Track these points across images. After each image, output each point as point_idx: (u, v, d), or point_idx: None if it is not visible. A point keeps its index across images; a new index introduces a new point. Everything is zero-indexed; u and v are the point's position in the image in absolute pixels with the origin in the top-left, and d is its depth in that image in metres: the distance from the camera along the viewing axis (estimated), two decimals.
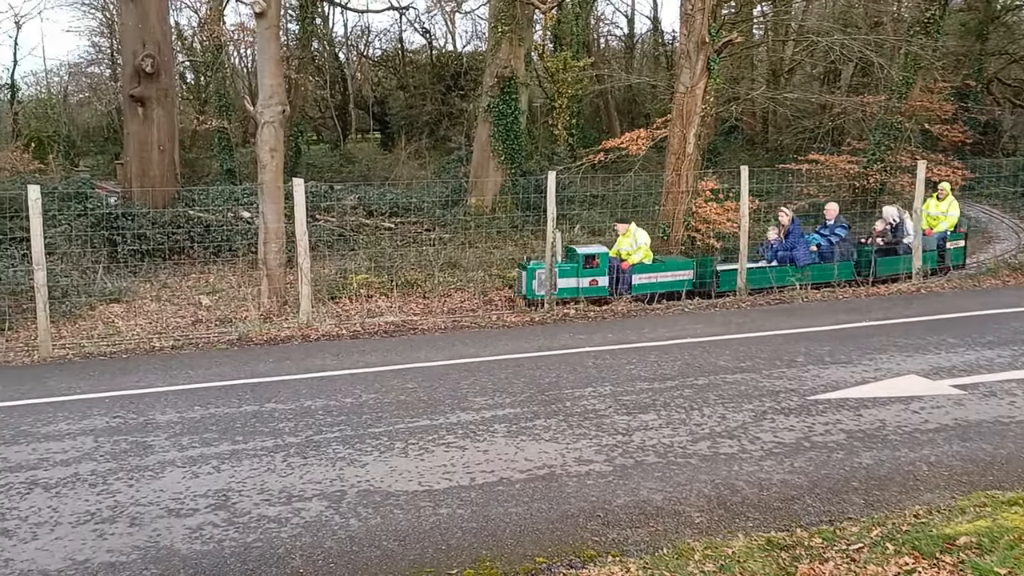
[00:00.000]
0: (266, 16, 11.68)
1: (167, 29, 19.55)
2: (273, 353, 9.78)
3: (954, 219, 14.70)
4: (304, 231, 11.00)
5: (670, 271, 13.13)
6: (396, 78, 33.00)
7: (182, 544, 4.89)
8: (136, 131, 18.42)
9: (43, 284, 10.02)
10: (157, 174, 18.31)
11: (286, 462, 6.13)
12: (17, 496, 5.56)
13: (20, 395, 8.07)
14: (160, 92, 18.15)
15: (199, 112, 27.63)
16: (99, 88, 34.82)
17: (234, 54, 30.17)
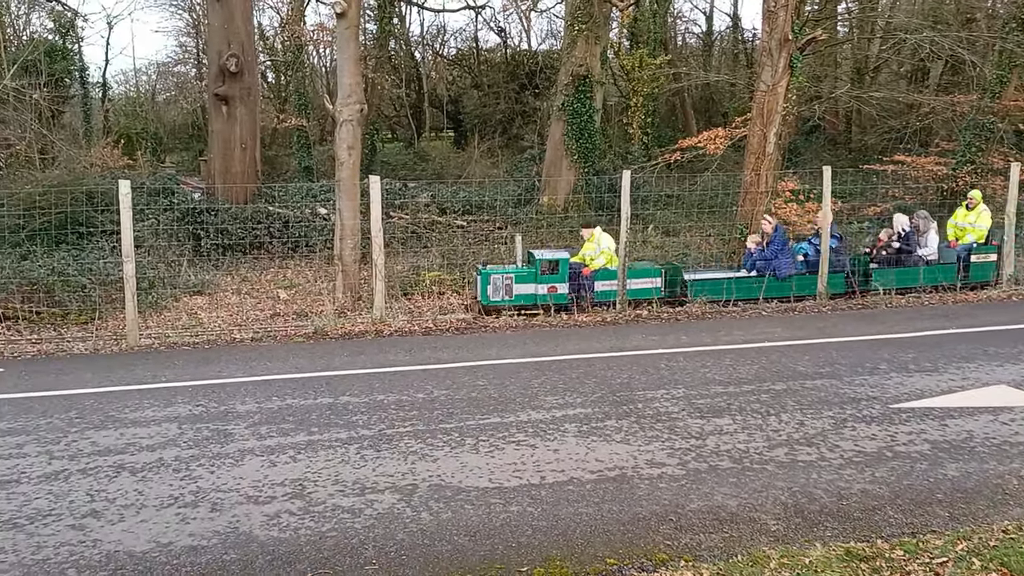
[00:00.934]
0: (346, 16, 11.88)
1: (251, 29, 20.06)
2: (347, 347, 9.95)
3: (982, 231, 13.57)
4: (379, 228, 11.16)
5: (636, 278, 12.45)
6: (470, 77, 33.20)
7: (260, 531, 5.00)
8: (220, 129, 18.96)
9: (132, 276, 10.39)
10: (239, 171, 18.82)
11: (360, 454, 6.22)
12: (105, 479, 5.78)
13: (109, 382, 8.40)
14: (243, 91, 18.64)
15: (279, 111, 28.26)
16: (185, 87, 36.02)
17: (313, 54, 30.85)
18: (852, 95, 24.12)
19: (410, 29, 32.51)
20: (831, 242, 12.92)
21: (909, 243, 13.35)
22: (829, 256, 12.69)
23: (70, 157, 21.09)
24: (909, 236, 13.36)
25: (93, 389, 8.09)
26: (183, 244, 16.60)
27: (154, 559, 4.66)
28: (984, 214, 13.63)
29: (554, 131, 20.10)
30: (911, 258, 13.26)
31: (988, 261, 13.45)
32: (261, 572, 4.53)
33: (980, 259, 13.39)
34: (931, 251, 13.55)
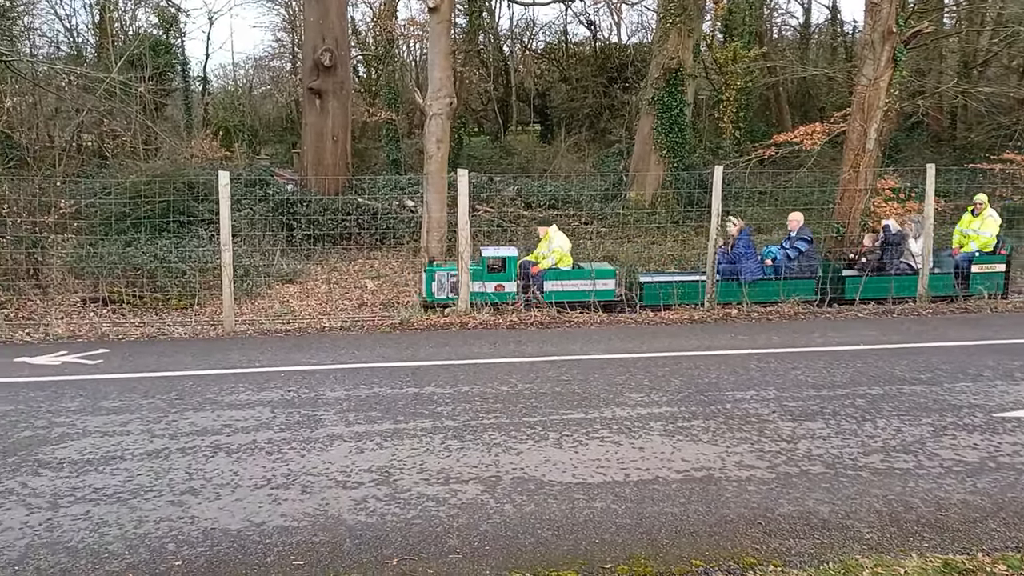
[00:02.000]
0: (439, 11, 11.99)
1: (345, 25, 20.47)
2: (433, 338, 10.07)
3: (987, 239, 12.63)
4: (466, 221, 11.24)
5: (588, 279, 12.13)
6: (559, 70, 33.09)
7: (348, 514, 5.10)
8: (313, 122, 19.42)
9: (229, 264, 10.75)
10: (330, 163, 19.24)
11: (444, 444, 6.28)
12: (203, 458, 5.99)
13: (207, 365, 8.71)
14: (336, 85, 19.04)
15: (369, 104, 28.75)
16: (280, 81, 37.00)
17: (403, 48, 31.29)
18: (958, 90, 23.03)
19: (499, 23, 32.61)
20: (801, 245, 12.34)
21: (886, 249, 12.52)
22: (798, 260, 12.19)
23: (172, 148, 21.95)
24: (889, 242, 12.53)
25: (192, 372, 8.41)
26: (276, 234, 17.08)
27: (248, 537, 4.80)
28: (989, 220, 12.70)
29: (643, 125, 19.86)
30: (892, 265, 12.45)
31: (994, 271, 12.44)
32: (349, 555, 4.61)
33: (982, 269, 12.40)
34: (919, 258, 12.62)
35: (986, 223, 12.64)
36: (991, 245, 12.59)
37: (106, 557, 4.57)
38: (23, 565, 4.47)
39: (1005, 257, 12.53)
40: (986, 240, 12.59)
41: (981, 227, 12.65)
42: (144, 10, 32.41)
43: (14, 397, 7.49)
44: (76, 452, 6.09)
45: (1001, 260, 12.51)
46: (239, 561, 4.54)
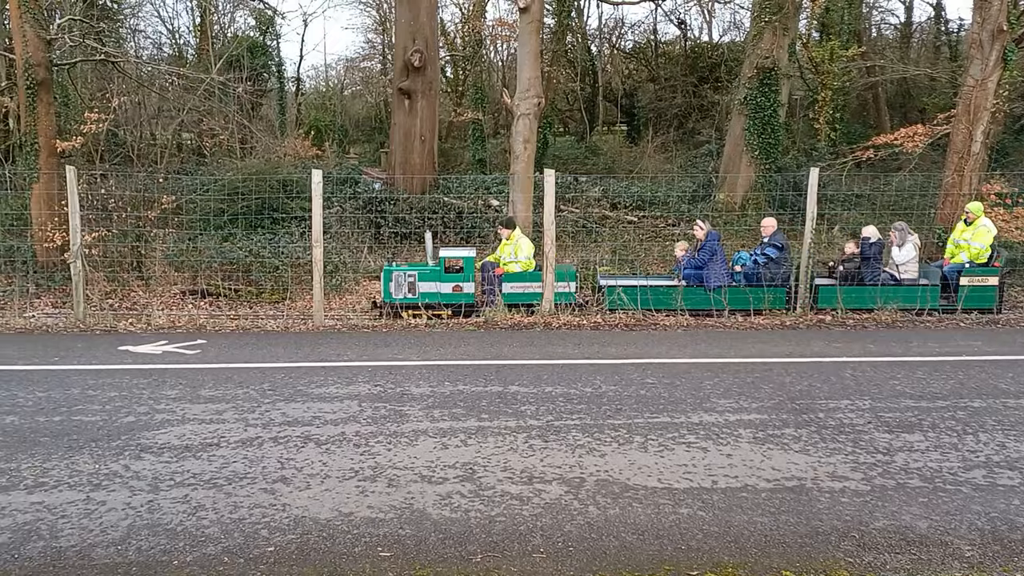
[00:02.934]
0: (529, 11, 12.01)
1: (435, 26, 20.72)
2: (516, 337, 10.09)
3: (978, 249, 11.91)
4: (551, 221, 11.23)
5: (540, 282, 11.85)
6: (647, 70, 32.76)
7: (433, 509, 5.15)
8: (401, 122, 19.73)
9: (319, 259, 11.02)
10: (417, 162, 19.51)
11: (528, 443, 6.28)
12: (294, 448, 6.15)
13: (298, 358, 8.95)
14: (425, 85, 19.30)
15: (456, 104, 29.06)
16: (370, 81, 37.80)
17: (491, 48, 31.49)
18: None
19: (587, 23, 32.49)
20: (770, 251, 11.86)
21: (866, 257, 11.86)
22: (768, 267, 11.72)
23: (267, 147, 22.65)
24: (869, 249, 11.89)
25: (284, 364, 8.65)
26: (364, 231, 17.42)
27: (336, 527, 4.90)
28: (982, 230, 11.96)
29: (734, 126, 19.47)
30: (872, 274, 11.79)
31: (986, 285, 11.66)
32: (434, 549, 4.66)
33: (972, 282, 11.65)
34: (903, 268, 12.06)
35: (978, 233, 11.95)
36: (983, 256, 11.89)
37: (203, 540, 4.73)
38: (125, 545, 4.67)
39: (998, 270, 11.80)
40: (977, 251, 11.91)
41: (973, 237, 11.98)
42: (242, 12, 33.57)
43: (118, 384, 7.84)
44: (175, 438, 6.33)
45: (994, 273, 11.77)
46: (328, 550, 4.64)
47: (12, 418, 6.76)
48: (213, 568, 4.45)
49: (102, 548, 4.63)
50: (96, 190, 16.26)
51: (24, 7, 14.42)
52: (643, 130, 28.87)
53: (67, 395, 7.43)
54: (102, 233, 14.33)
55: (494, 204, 18.70)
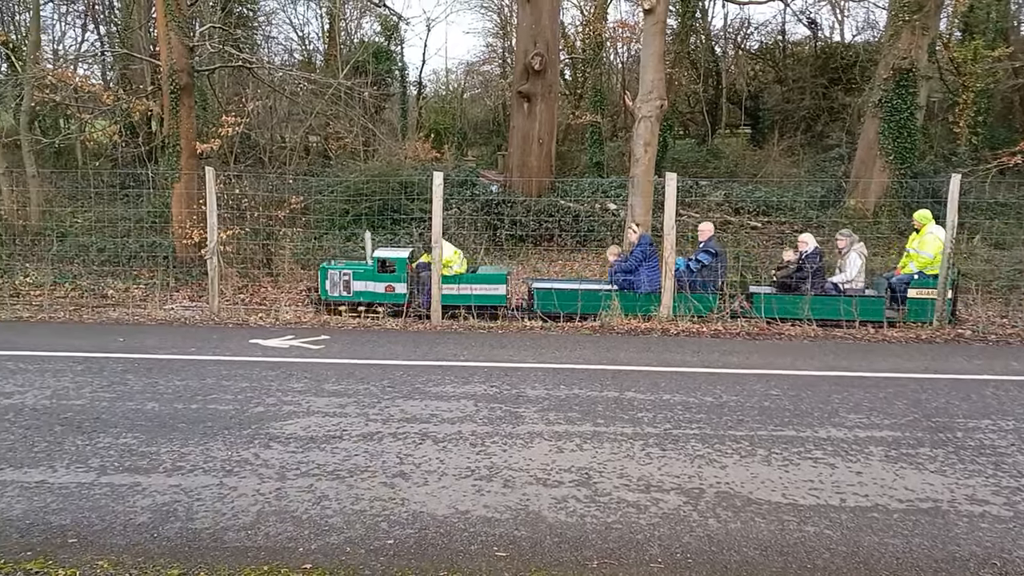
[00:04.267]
0: (654, 12, 11.85)
1: (556, 29, 20.76)
2: (633, 343, 9.96)
3: (926, 259, 11.25)
4: (672, 225, 11.04)
5: (479, 284, 11.78)
6: (774, 71, 31.77)
7: (548, 512, 5.13)
8: (520, 124, 19.85)
9: (439, 260, 11.19)
10: (535, 165, 19.59)
11: (645, 451, 6.17)
12: (412, 444, 6.25)
13: (416, 357, 9.11)
14: (545, 88, 19.36)
15: (574, 107, 29.01)
16: (489, 84, 38.27)
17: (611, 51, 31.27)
18: None
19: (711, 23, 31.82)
20: (703, 257, 11.56)
21: (803, 267, 11.36)
22: (700, 273, 11.46)
23: (388, 149, 23.27)
24: (808, 259, 11.40)
25: (402, 362, 8.83)
26: (481, 233, 17.63)
27: (453, 524, 4.94)
28: (929, 238, 11.34)
29: (867, 129, 18.60)
30: (810, 284, 11.26)
31: (932, 299, 11.01)
32: (549, 552, 4.63)
33: (919, 294, 11.05)
34: (848, 278, 11.47)
35: (925, 242, 11.37)
36: (934, 266, 11.18)
37: (326, 530, 4.87)
38: (255, 530, 4.85)
39: (951, 282, 11.12)
40: (925, 260, 11.31)
41: (920, 246, 11.40)
42: (369, 19, 34.61)
43: (249, 375, 8.19)
44: (301, 429, 6.55)
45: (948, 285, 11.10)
46: (445, 546, 4.68)
47: (153, 404, 7.17)
48: (336, 557, 4.56)
49: (233, 532, 4.82)
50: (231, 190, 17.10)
51: (170, 16, 15.32)
52: (768, 133, 28.01)
53: (202, 384, 7.81)
54: (235, 231, 15.05)
55: (611, 208, 18.56)
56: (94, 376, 8.04)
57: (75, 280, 14.35)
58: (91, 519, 4.95)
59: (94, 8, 28.26)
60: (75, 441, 6.22)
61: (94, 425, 6.58)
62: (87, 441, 6.22)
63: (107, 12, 28.86)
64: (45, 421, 6.67)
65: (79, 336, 9.94)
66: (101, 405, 7.10)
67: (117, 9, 27.94)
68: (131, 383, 7.82)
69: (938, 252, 11.10)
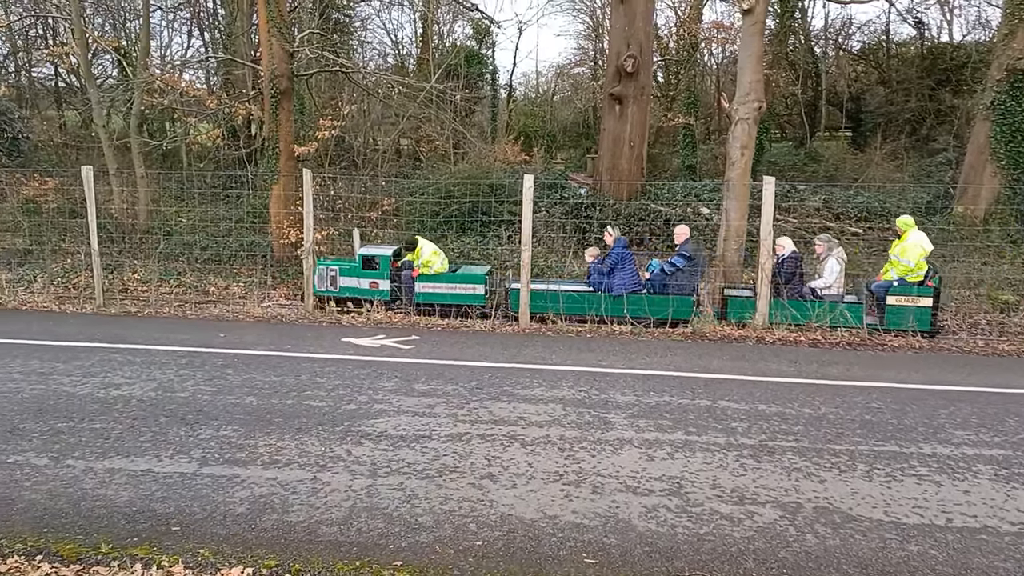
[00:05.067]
0: (753, 13, 11.56)
1: (650, 30, 20.49)
2: (726, 351, 9.73)
3: (906, 266, 10.85)
4: (769, 230, 10.75)
5: (457, 283, 12.05)
6: (877, 72, 30.55)
7: (638, 521, 5.04)
8: (611, 127, 19.68)
9: (527, 263, 11.19)
10: (626, 168, 19.38)
11: (739, 462, 6.01)
12: (500, 447, 6.25)
13: (504, 359, 9.12)
14: (637, 90, 19.14)
15: (667, 109, 28.63)
16: (579, 87, 38.11)
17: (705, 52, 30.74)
18: None
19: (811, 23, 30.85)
20: (677, 261, 11.49)
21: (780, 271, 11.15)
22: (674, 276, 11.35)
23: (478, 152, 23.43)
24: (784, 263, 11.21)
25: (490, 364, 8.85)
26: (570, 236, 17.54)
27: (541, 528, 4.91)
28: (909, 245, 10.89)
29: (977, 132, 17.69)
30: (791, 289, 11.09)
31: (919, 306, 10.67)
32: (639, 562, 4.55)
33: (899, 302, 10.69)
34: (826, 283, 11.24)
35: (906, 248, 10.95)
36: (915, 274, 10.85)
37: (416, 528, 4.90)
38: (347, 525, 4.93)
39: (932, 290, 10.76)
40: (905, 268, 10.90)
41: (901, 253, 11.00)
42: (461, 23, 34.98)
43: (341, 373, 8.36)
44: (392, 428, 6.64)
45: (927, 293, 10.73)
46: (533, 550, 4.66)
47: (251, 399, 7.38)
48: (425, 556, 4.59)
49: (326, 526, 4.91)
50: (326, 191, 17.52)
51: (272, 22, 15.81)
52: (870, 136, 26.95)
53: (298, 381, 8.01)
54: (330, 231, 15.41)
55: (704, 212, 18.22)
56: (196, 370, 8.34)
57: (179, 277, 14.95)
58: (193, 508, 5.13)
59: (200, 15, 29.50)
60: (178, 432, 6.46)
61: (196, 417, 6.82)
62: (190, 432, 6.45)
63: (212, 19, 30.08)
64: (151, 412, 6.95)
65: (183, 331, 10.34)
66: (203, 398, 7.36)
67: (221, 16, 29.06)
68: (231, 377, 8.08)
69: (919, 259, 10.88)
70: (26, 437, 6.31)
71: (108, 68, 29.12)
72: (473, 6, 26.82)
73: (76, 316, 11.31)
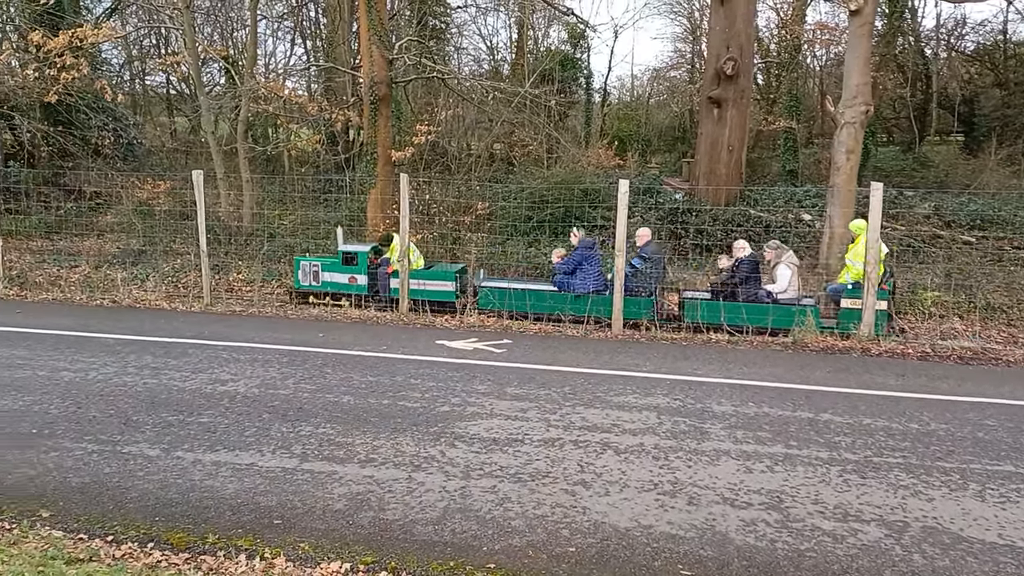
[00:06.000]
0: (861, 14, 11.17)
1: (751, 32, 20.04)
2: (829, 362, 9.41)
3: (859, 270, 10.82)
4: (876, 238, 10.34)
5: (428, 280, 12.62)
6: (993, 74, 29.03)
7: (735, 534, 4.92)
8: (709, 131, 19.33)
9: (621, 268, 11.08)
10: (723, 173, 19.00)
11: (842, 477, 5.80)
12: (593, 453, 6.20)
13: (596, 365, 9.04)
14: (737, 94, 18.75)
15: (767, 113, 27.95)
16: (675, 90, 37.58)
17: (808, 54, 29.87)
18: None
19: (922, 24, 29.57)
20: (636, 262, 11.72)
21: (735, 274, 11.28)
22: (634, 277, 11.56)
23: (572, 157, 23.39)
24: (741, 266, 11.29)
25: (583, 369, 8.79)
26: (665, 242, 17.30)
27: (635, 538, 4.85)
28: (862, 248, 10.76)
29: None
30: (745, 291, 11.12)
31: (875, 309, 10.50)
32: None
33: (853, 305, 10.69)
34: (780, 288, 11.32)
35: (859, 252, 10.94)
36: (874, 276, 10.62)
37: (509, 531, 4.91)
38: (441, 525, 4.98)
39: (886, 293, 10.74)
40: (858, 271, 10.87)
41: (854, 256, 11.12)
42: (556, 28, 35.01)
43: (435, 375, 8.46)
44: (484, 431, 6.68)
45: (882, 296, 10.64)
46: (627, 559, 4.60)
47: (348, 398, 7.55)
48: (519, 560, 4.59)
49: (421, 526, 4.98)
50: (421, 195, 17.80)
51: (373, 30, 16.18)
52: (984, 141, 25.62)
53: (393, 381, 8.15)
54: (424, 235, 15.63)
55: (806, 218, 17.68)
56: (297, 368, 8.59)
57: (281, 278, 15.43)
58: (294, 503, 5.28)
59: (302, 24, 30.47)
60: (280, 428, 6.66)
61: (297, 414, 7.02)
62: (291, 429, 6.64)
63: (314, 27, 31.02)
64: (255, 408, 7.19)
65: (284, 330, 10.67)
66: (303, 396, 7.57)
67: (323, 25, 29.95)
68: (329, 376, 8.29)
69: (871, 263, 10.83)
70: (140, 429, 6.62)
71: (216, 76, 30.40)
72: (569, 10, 26.74)
73: (185, 314, 11.82)
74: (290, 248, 16.67)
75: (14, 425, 6.65)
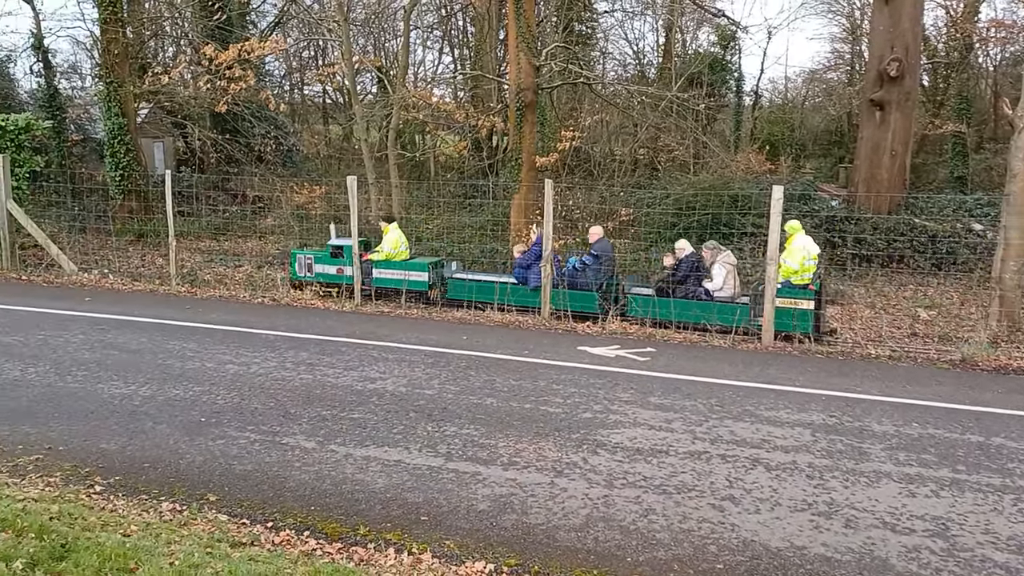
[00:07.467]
0: None
1: (918, 31, 18.89)
2: (1001, 383, 8.70)
3: (790, 269, 11.08)
4: None
5: (403, 270, 13.51)
6: None
7: (896, 561, 4.62)
8: (870, 135, 18.36)
9: (773, 278, 10.66)
10: (885, 179, 18.00)
11: (1016, 506, 5.35)
12: (742, 469, 5.98)
13: (745, 377, 8.72)
14: (901, 96, 17.73)
15: (933, 115, 26.30)
16: (833, 93, 35.92)
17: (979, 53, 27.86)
18: None
19: None
20: (586, 259, 12.36)
21: (677, 272, 11.84)
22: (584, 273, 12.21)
23: (720, 162, 22.80)
24: (681, 265, 11.84)
25: (730, 382, 8.51)
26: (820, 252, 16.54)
27: (788, 559, 4.63)
28: (795, 248, 11.23)
29: None
30: (687, 290, 11.68)
31: (801, 308, 10.86)
32: None
33: (783, 304, 10.86)
34: (717, 286, 11.63)
35: (791, 251, 11.25)
36: (801, 277, 11.09)
37: (653, 544, 4.80)
38: (584, 532, 4.94)
39: (812, 293, 10.96)
40: (789, 270, 11.12)
41: (787, 256, 11.21)
42: (705, 30, 34.27)
43: (577, 381, 8.41)
44: (627, 439, 6.57)
45: (808, 296, 10.92)
46: None
47: (491, 400, 7.63)
48: (664, 573, 4.49)
49: (564, 532, 4.95)
50: (564, 201, 17.81)
51: (521, 37, 16.37)
52: None
53: (535, 386, 8.17)
54: (566, 241, 15.63)
55: (976, 228, 16.48)
56: (441, 369, 8.77)
57: None
58: (439, 500, 5.37)
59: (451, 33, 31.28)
60: (426, 427, 6.81)
61: (442, 414, 7.16)
62: (436, 428, 6.78)
63: (462, 36, 31.77)
64: (402, 406, 7.39)
65: (429, 331, 10.93)
66: (447, 396, 7.72)
67: (471, 34, 30.61)
68: (472, 378, 8.41)
69: (803, 263, 11.13)
70: (297, 421, 6.94)
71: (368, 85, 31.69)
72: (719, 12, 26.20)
73: (338, 313, 12.32)
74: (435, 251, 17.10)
75: (185, 413, 7.13)
